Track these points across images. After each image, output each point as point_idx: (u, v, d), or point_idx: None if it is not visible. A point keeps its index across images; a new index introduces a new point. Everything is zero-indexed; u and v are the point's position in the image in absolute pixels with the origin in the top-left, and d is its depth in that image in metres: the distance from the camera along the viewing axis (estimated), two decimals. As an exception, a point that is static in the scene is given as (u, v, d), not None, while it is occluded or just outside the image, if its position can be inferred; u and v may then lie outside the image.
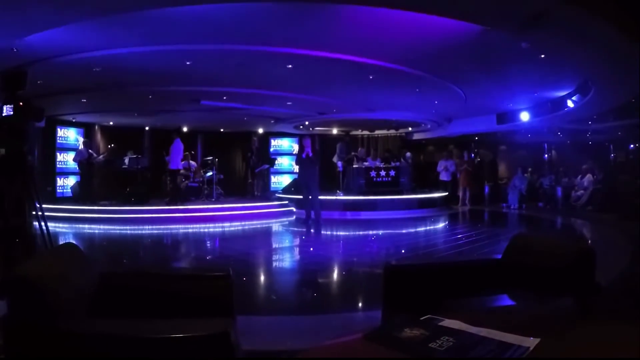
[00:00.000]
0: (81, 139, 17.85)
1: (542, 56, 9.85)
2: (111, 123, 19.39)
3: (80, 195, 16.15)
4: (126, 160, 16.41)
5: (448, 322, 2.13)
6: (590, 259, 3.09)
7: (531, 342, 1.86)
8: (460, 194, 19.85)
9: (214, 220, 14.52)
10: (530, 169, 21.71)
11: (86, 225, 13.44)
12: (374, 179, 17.14)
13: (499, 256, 3.60)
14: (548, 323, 2.31)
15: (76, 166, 16.30)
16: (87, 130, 18.89)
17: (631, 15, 6.99)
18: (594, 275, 3.05)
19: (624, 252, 9.14)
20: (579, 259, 3.12)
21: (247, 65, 10.71)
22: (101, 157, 17.02)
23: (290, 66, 10.79)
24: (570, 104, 14.31)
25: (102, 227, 13.22)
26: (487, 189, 21.62)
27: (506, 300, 3.35)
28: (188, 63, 10.34)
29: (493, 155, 24.81)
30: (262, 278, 7.74)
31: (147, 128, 20.68)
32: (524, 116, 16.92)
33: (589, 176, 18.35)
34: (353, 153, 19.48)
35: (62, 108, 15.55)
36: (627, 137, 23.00)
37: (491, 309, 3.27)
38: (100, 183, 17.03)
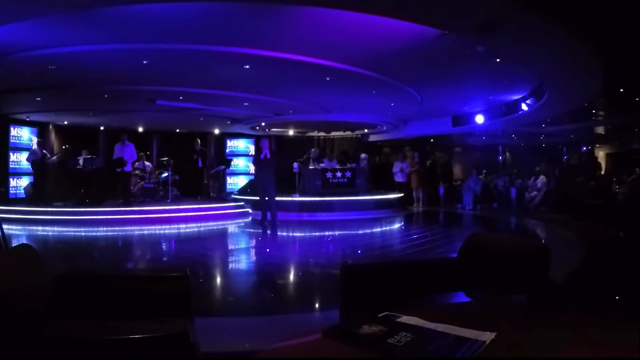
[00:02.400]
0: (35, 139, 17.54)
1: (498, 60, 10.02)
2: (66, 122, 19.04)
3: (34, 196, 15.80)
4: (80, 161, 16.08)
5: (406, 319, 2.16)
6: (544, 257, 3.16)
7: (487, 337, 1.91)
8: (414, 195, 20.03)
9: (170, 222, 14.34)
10: (484, 171, 21.98)
11: (40, 227, 13.11)
12: (330, 180, 17.12)
13: (455, 255, 3.66)
14: (503, 318, 2.36)
15: (29, 166, 15.96)
16: (41, 130, 18.56)
17: (584, 22, 7.16)
18: (547, 272, 3.12)
19: (575, 250, 9.38)
20: (533, 257, 3.20)
21: (204, 65, 10.66)
22: (55, 158, 16.66)
23: (247, 67, 10.76)
24: (524, 107, 14.60)
25: (56, 228, 12.94)
26: (442, 190, 21.82)
27: (462, 298, 3.39)
28: (145, 62, 10.24)
29: (448, 157, 25.09)
30: (219, 279, 7.69)
31: (102, 128, 20.35)
32: (479, 119, 17.19)
33: (542, 178, 18.71)
34: (307, 155, 19.47)
35: (16, 106, 15.28)
36: (580, 140, 23.60)
37: (448, 305, 3.32)
38: (54, 184, 16.68)
